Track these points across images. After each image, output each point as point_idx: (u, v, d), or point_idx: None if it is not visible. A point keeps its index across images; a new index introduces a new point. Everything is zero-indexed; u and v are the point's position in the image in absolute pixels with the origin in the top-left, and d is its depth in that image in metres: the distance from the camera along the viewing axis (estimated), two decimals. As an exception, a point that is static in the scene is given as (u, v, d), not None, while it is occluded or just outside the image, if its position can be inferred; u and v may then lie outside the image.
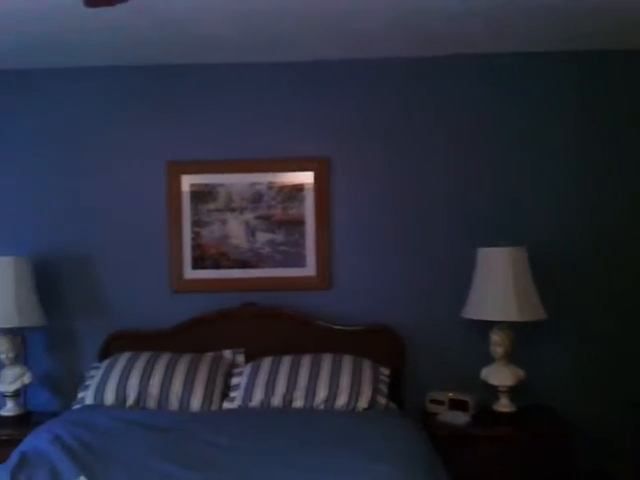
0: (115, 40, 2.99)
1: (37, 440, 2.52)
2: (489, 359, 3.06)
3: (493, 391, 3.05)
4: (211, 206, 3.37)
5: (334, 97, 3.36)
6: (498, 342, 3.01)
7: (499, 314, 2.96)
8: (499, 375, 3.01)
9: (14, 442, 2.68)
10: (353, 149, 3.35)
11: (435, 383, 3.20)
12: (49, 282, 3.33)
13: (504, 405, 3.03)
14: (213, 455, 2.33)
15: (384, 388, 2.93)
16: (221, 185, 3.36)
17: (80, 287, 3.38)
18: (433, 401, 3.12)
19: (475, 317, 3.02)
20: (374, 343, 3.19)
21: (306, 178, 3.34)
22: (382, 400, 2.88)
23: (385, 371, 3.01)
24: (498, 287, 2.94)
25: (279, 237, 3.35)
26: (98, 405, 2.91)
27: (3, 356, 3.10)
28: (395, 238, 3.34)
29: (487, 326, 3.04)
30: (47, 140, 3.40)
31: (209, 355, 3.13)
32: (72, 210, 3.39)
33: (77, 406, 2.98)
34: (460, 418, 2.94)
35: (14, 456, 2.40)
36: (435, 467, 2.33)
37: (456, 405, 3.03)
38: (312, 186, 3.33)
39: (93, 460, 2.31)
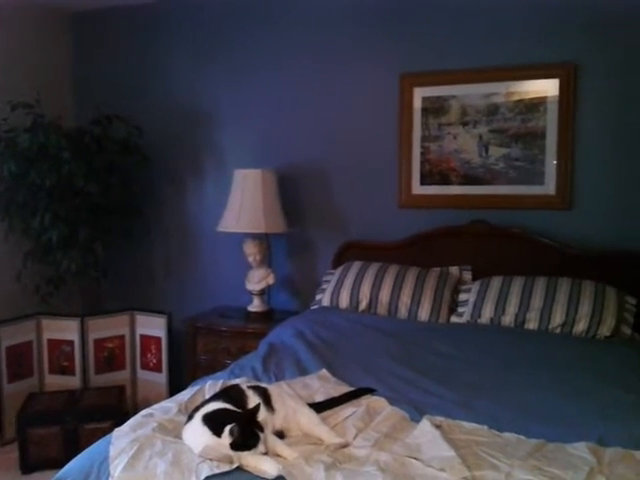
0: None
1: (282, 334, 2.78)
2: None
3: None
4: (442, 120, 3.27)
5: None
6: None
7: None
8: None
9: (259, 334, 3.03)
10: (607, 52, 2.95)
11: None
12: (291, 194, 3.56)
13: None
14: (444, 364, 2.36)
15: (630, 318, 2.67)
16: (454, 97, 3.23)
17: (317, 199, 3.57)
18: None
19: None
20: (619, 270, 2.88)
21: (549, 86, 3.05)
22: (627, 330, 2.63)
23: (632, 300, 2.74)
24: None
25: (515, 152, 3.14)
26: (334, 307, 3.10)
27: (251, 258, 3.43)
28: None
29: None
30: (288, 60, 3.55)
31: (436, 270, 3.13)
32: (310, 127, 3.54)
33: (315, 306, 3.20)
34: None
35: (263, 346, 2.68)
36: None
37: None
38: (556, 95, 3.03)
39: (332, 356, 2.48)
